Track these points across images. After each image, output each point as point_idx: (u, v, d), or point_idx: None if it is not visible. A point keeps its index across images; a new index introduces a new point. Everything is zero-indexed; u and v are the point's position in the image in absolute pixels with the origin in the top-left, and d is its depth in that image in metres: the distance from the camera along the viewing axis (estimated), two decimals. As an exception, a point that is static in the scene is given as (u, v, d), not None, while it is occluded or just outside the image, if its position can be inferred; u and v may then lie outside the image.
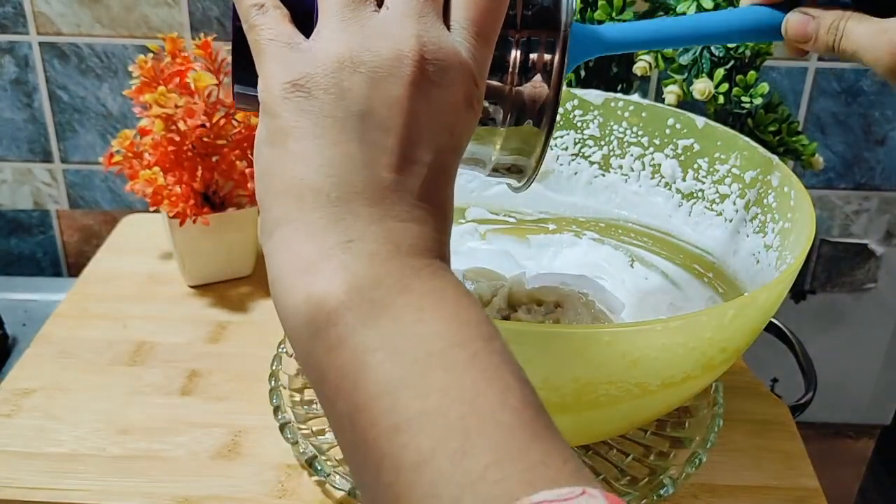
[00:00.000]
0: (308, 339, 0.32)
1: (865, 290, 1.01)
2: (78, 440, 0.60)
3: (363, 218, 0.32)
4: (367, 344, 0.30)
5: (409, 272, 0.32)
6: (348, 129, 0.33)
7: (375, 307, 0.30)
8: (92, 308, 0.75)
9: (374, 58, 0.33)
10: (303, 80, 0.33)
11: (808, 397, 0.66)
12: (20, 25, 0.87)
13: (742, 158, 0.63)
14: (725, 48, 0.70)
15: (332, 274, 0.31)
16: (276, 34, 0.35)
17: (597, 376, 0.46)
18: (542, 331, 0.47)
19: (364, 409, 0.29)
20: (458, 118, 0.34)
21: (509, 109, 0.40)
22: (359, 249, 0.31)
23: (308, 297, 0.31)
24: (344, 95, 0.33)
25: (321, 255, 0.32)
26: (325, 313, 0.31)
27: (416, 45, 0.33)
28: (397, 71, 0.33)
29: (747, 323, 0.49)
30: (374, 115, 0.33)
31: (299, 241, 0.32)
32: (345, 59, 0.33)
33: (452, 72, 0.34)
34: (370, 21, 0.34)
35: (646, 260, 0.70)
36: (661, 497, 0.54)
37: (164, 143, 0.71)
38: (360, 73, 0.33)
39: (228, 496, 0.56)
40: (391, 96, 0.33)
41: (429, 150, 0.33)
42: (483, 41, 0.35)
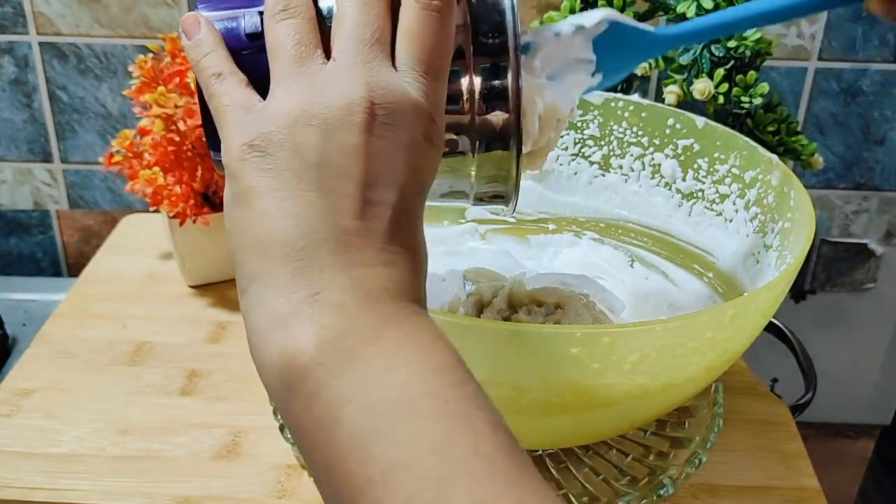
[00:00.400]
0: (284, 394, 0.32)
1: (865, 290, 1.01)
2: (78, 440, 0.60)
3: (329, 267, 0.32)
4: (338, 397, 0.30)
5: (379, 319, 0.32)
6: (306, 181, 0.33)
7: (345, 358, 0.31)
8: (92, 308, 0.75)
9: (325, 109, 0.33)
10: (258, 140, 0.34)
11: (808, 397, 0.66)
12: (20, 25, 0.87)
13: (742, 158, 0.63)
14: (725, 48, 0.70)
15: (302, 329, 0.31)
16: (233, 100, 0.35)
17: (597, 376, 0.46)
18: (542, 331, 0.47)
19: (339, 462, 0.29)
20: (419, 155, 0.34)
21: (476, 138, 0.40)
22: (326, 301, 0.32)
23: (281, 354, 0.32)
24: (299, 149, 0.33)
25: (290, 309, 0.32)
26: (297, 369, 0.31)
27: (365, 91, 0.33)
28: (349, 119, 0.33)
29: (747, 323, 0.49)
30: (331, 165, 0.33)
31: (270, 296, 0.33)
32: (297, 114, 0.34)
33: (404, 112, 0.34)
34: (318, 74, 0.34)
35: (646, 260, 0.70)
36: (661, 497, 0.54)
37: (163, 143, 0.71)
38: (313, 125, 0.33)
39: (228, 496, 0.56)
40: (346, 144, 0.33)
41: (391, 191, 0.34)
42: (433, 77, 0.35)
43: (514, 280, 0.62)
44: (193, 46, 0.37)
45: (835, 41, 0.88)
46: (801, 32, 0.87)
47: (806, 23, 0.87)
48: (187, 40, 0.38)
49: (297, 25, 0.35)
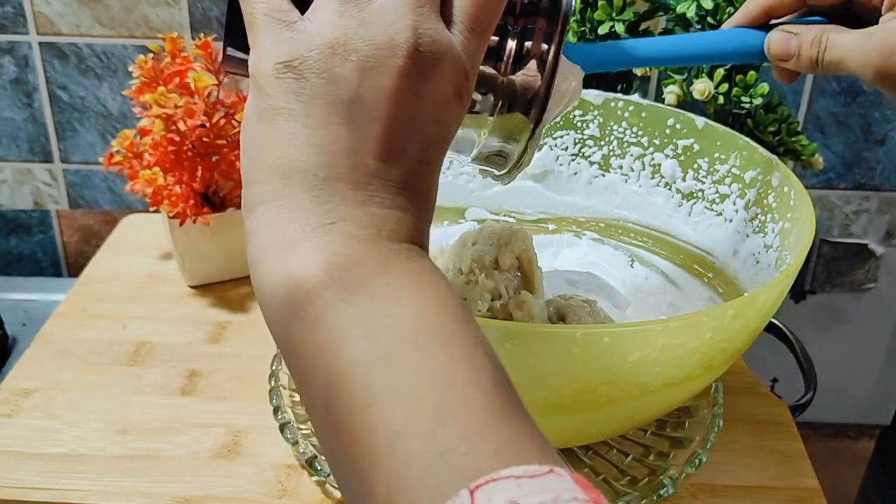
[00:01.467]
0: (286, 317, 0.32)
1: (865, 290, 1.01)
2: (78, 440, 0.60)
3: (347, 201, 0.32)
4: (344, 321, 0.30)
5: (388, 254, 0.32)
6: (337, 114, 0.33)
7: (354, 286, 0.31)
8: (92, 308, 0.75)
9: (368, 46, 0.33)
10: (295, 62, 0.33)
11: (808, 397, 0.66)
12: (20, 25, 0.87)
13: (742, 158, 0.63)
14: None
15: (313, 254, 0.31)
16: (271, 8, 0.34)
17: (597, 376, 0.46)
18: (542, 331, 0.47)
19: (339, 386, 0.29)
20: (447, 110, 0.34)
21: (499, 98, 0.40)
22: (340, 231, 0.32)
23: (287, 276, 0.31)
24: (335, 81, 0.33)
25: (303, 234, 0.32)
26: (304, 292, 0.31)
27: (411, 37, 0.33)
28: (390, 61, 0.33)
29: (747, 323, 0.49)
30: (364, 104, 0.33)
31: (282, 219, 0.32)
32: (338, 44, 0.33)
33: (444, 65, 0.33)
34: (367, 6, 0.33)
35: (646, 260, 0.70)
36: (661, 497, 0.54)
37: (164, 143, 0.71)
38: (352, 60, 0.33)
39: (228, 496, 0.56)
40: (381, 86, 0.33)
41: (415, 141, 0.34)
42: (478, 36, 0.35)
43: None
44: None
45: (835, 41, 0.87)
46: (802, 32, 0.87)
47: (806, 23, 0.86)
48: None
49: None
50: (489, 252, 0.58)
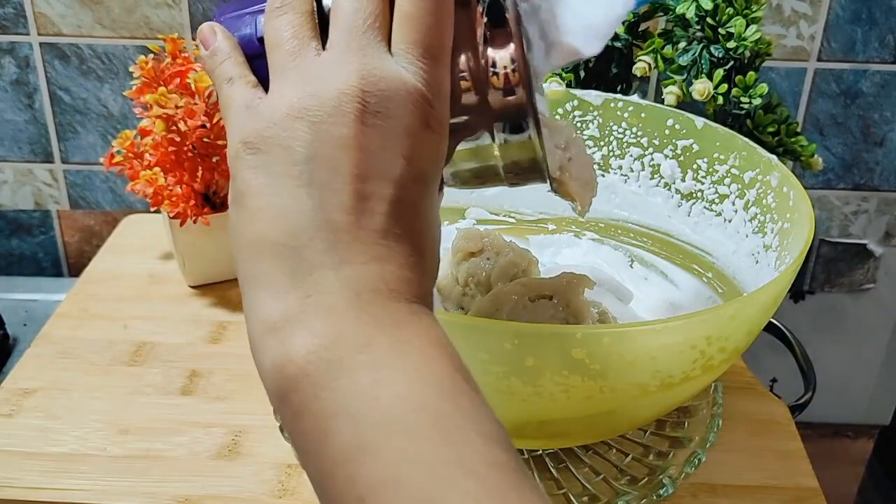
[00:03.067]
0: (277, 403, 0.32)
1: (864, 291, 1.01)
2: (78, 440, 0.60)
3: (320, 267, 0.31)
4: (327, 409, 0.29)
5: (369, 325, 0.31)
6: (296, 176, 0.32)
7: (333, 369, 0.30)
8: (92, 308, 0.75)
9: (316, 102, 0.33)
10: (252, 137, 0.33)
11: (807, 397, 0.66)
12: (21, 26, 0.87)
13: (741, 159, 0.63)
14: (725, 49, 0.70)
15: (292, 337, 0.31)
16: (236, 99, 0.35)
17: (596, 376, 0.46)
18: (542, 331, 0.47)
19: (329, 476, 0.29)
20: (415, 144, 0.33)
21: (491, 119, 0.38)
22: (317, 304, 0.31)
23: (273, 364, 0.31)
24: (289, 145, 0.32)
25: (282, 314, 0.31)
26: (286, 380, 0.31)
27: (357, 81, 0.33)
28: (339, 110, 0.32)
29: (747, 323, 0.49)
30: (321, 159, 0.32)
31: (263, 299, 0.32)
32: (291, 109, 0.33)
33: (398, 100, 0.33)
34: (312, 66, 0.34)
35: (646, 260, 0.70)
36: (661, 497, 0.54)
37: (164, 144, 0.72)
38: (303, 118, 0.32)
39: (228, 496, 0.56)
40: (336, 136, 0.32)
41: (385, 183, 0.33)
42: (431, 60, 0.34)
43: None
44: (210, 56, 0.37)
45: (834, 42, 0.88)
46: (801, 33, 0.87)
47: (805, 23, 0.87)
48: (204, 50, 0.37)
49: (291, 20, 0.35)
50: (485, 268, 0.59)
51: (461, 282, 0.60)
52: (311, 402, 0.30)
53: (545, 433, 0.54)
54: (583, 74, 0.77)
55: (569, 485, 0.55)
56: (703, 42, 0.71)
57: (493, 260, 0.61)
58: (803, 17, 0.87)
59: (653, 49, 0.73)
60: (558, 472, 0.56)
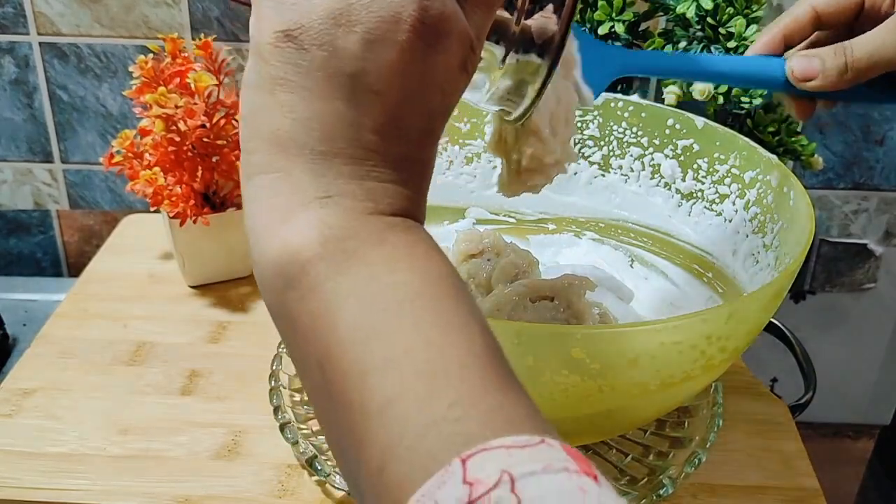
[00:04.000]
0: (281, 288, 0.32)
1: (865, 290, 1.01)
2: (78, 440, 0.60)
3: (344, 175, 0.32)
4: (339, 291, 0.30)
5: (383, 226, 0.32)
6: (337, 87, 0.32)
7: (349, 257, 0.31)
8: (92, 308, 0.75)
9: (372, 17, 0.32)
10: (296, 31, 0.32)
11: (807, 397, 0.66)
12: (20, 26, 0.87)
13: (741, 159, 0.63)
14: (725, 49, 0.70)
15: (308, 226, 0.31)
16: None
17: (596, 376, 0.46)
18: (542, 331, 0.47)
19: (334, 354, 0.30)
20: (451, 82, 0.34)
21: (514, 43, 0.39)
22: (336, 204, 0.32)
23: (283, 247, 0.31)
24: (337, 53, 0.32)
25: (299, 207, 0.32)
26: (299, 263, 0.31)
27: (417, 9, 0.32)
28: (393, 35, 0.32)
29: (747, 323, 0.49)
30: (366, 77, 0.32)
31: (278, 191, 0.32)
32: (342, 14, 0.32)
33: (450, 38, 0.33)
34: None
35: (646, 260, 0.70)
36: (661, 497, 0.54)
37: (164, 144, 0.71)
38: (356, 32, 0.32)
39: (228, 496, 0.56)
40: (385, 60, 0.32)
41: (418, 116, 0.33)
42: (485, 6, 0.35)
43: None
44: None
45: (834, 41, 0.88)
46: (801, 33, 0.87)
47: (806, 23, 0.87)
48: None
49: None
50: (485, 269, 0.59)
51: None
52: (324, 283, 0.30)
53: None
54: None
55: (569, 485, 0.55)
56: (704, 42, 0.71)
57: (493, 261, 0.61)
58: (803, 16, 0.86)
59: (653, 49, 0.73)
60: (558, 472, 0.56)
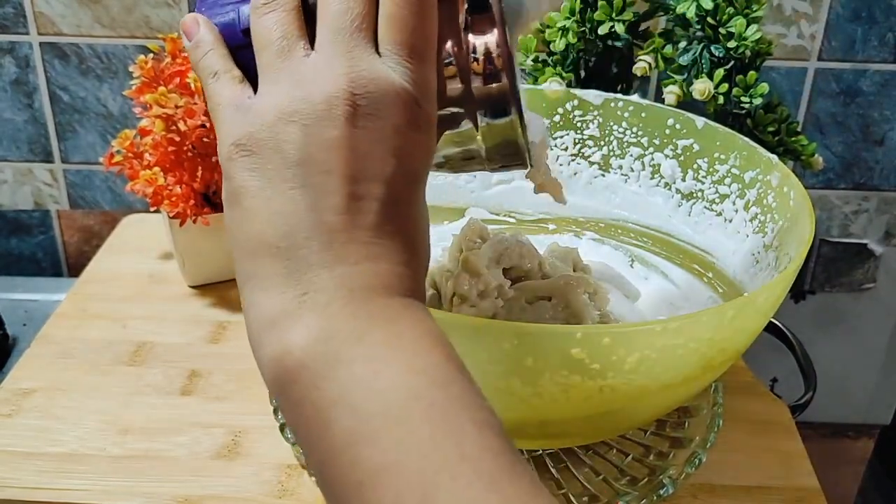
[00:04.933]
0: (278, 394, 0.32)
1: (865, 290, 1.01)
2: (78, 440, 0.60)
3: (315, 266, 0.32)
4: (325, 399, 0.30)
5: (363, 320, 0.32)
6: (290, 178, 0.33)
7: (331, 361, 0.31)
8: (92, 308, 0.75)
9: (306, 105, 0.33)
10: (244, 140, 0.34)
11: (807, 397, 0.66)
12: (21, 26, 0.87)
13: (741, 159, 0.63)
14: (725, 48, 0.70)
15: (290, 331, 0.32)
16: (224, 98, 0.35)
17: (596, 377, 0.46)
18: (542, 331, 0.47)
19: (330, 463, 0.30)
20: (405, 144, 0.34)
21: (475, 109, 0.39)
22: (313, 302, 0.32)
23: (271, 356, 0.32)
24: (281, 147, 0.33)
25: (279, 311, 0.32)
26: (286, 372, 0.31)
27: (346, 84, 0.33)
28: (329, 113, 0.33)
29: (747, 323, 0.49)
30: (314, 161, 0.33)
31: (261, 297, 0.33)
32: (280, 111, 0.33)
33: (387, 101, 0.33)
34: (300, 68, 0.34)
35: (646, 260, 0.70)
36: (661, 497, 0.54)
37: (164, 144, 0.71)
38: (295, 122, 0.33)
39: (228, 496, 0.56)
40: (327, 138, 0.33)
41: (376, 184, 0.33)
42: (418, 59, 0.35)
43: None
44: (193, 47, 0.38)
45: (834, 41, 0.88)
46: (801, 33, 0.87)
47: (806, 23, 0.87)
48: (188, 41, 0.38)
49: (279, 18, 0.35)
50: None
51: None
52: (311, 392, 0.31)
53: (545, 433, 0.54)
54: (583, 74, 0.77)
55: (569, 485, 0.55)
56: (704, 42, 0.71)
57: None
58: (804, 16, 0.86)
59: (653, 49, 0.73)
60: (558, 472, 0.56)
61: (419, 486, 0.28)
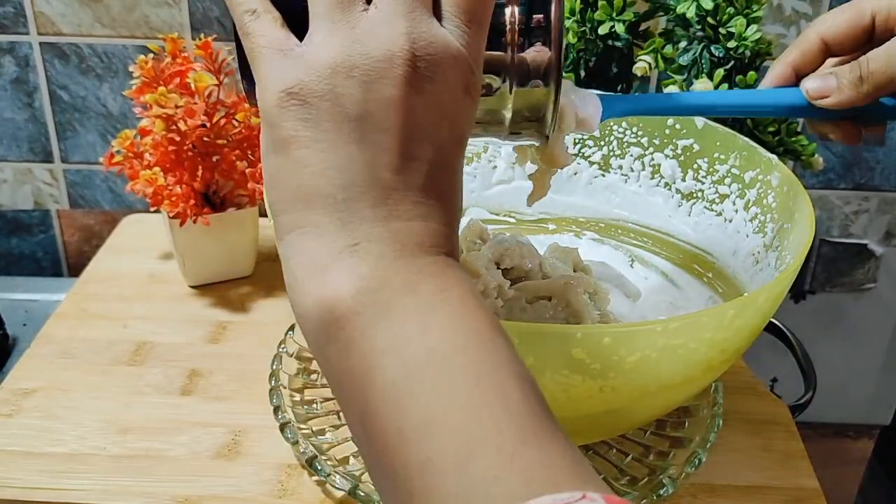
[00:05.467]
0: (322, 341, 0.32)
1: (865, 291, 1.01)
2: (78, 440, 0.60)
3: (368, 220, 0.33)
4: (374, 347, 0.31)
5: (414, 272, 0.32)
6: (346, 133, 0.33)
7: (382, 310, 0.31)
8: (92, 308, 0.75)
9: (366, 60, 0.33)
10: (297, 88, 0.33)
11: (807, 397, 0.66)
12: (21, 25, 0.87)
13: (741, 159, 0.63)
14: (725, 49, 0.70)
15: (341, 278, 0.32)
16: (269, 40, 0.35)
17: (597, 377, 0.46)
18: (542, 331, 0.47)
19: (372, 412, 0.30)
20: (457, 109, 0.34)
21: (515, 76, 0.40)
22: (365, 251, 0.32)
23: (319, 302, 0.32)
24: (339, 101, 0.33)
25: (330, 258, 0.32)
26: (335, 317, 0.32)
27: (407, 44, 0.33)
28: (390, 72, 0.33)
29: (747, 323, 0.49)
30: (371, 118, 0.33)
31: (309, 245, 0.33)
32: (337, 63, 0.33)
33: (445, 65, 0.34)
34: (360, 22, 0.34)
35: (646, 260, 0.70)
36: (661, 497, 0.54)
37: (164, 144, 0.71)
38: (354, 77, 0.33)
39: (228, 496, 0.56)
40: (386, 97, 0.33)
41: (429, 146, 0.34)
42: (476, 27, 0.35)
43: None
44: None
45: (835, 41, 0.88)
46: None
47: (806, 23, 0.87)
48: None
49: None
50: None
51: None
52: (360, 339, 0.31)
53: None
54: (583, 74, 0.77)
55: (569, 485, 0.55)
56: (704, 42, 0.71)
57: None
58: (804, 16, 0.86)
59: (653, 49, 0.73)
60: (558, 472, 0.56)
61: (462, 436, 0.28)
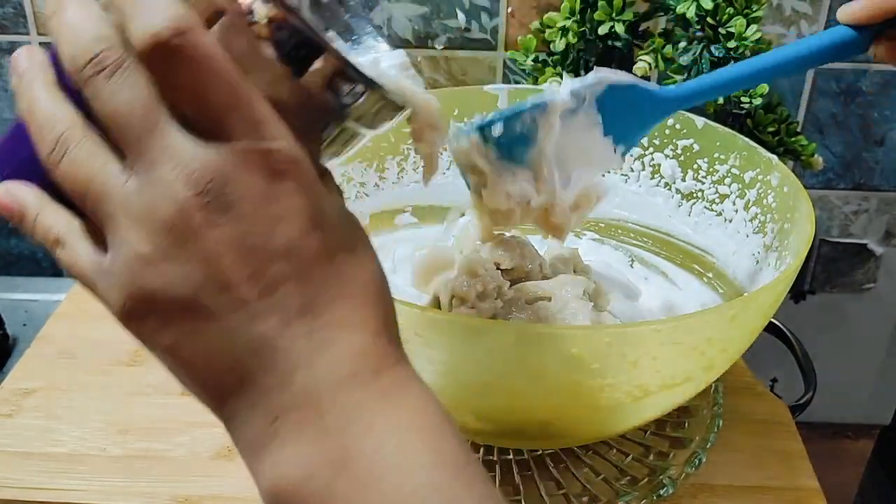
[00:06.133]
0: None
1: (865, 291, 1.01)
2: (78, 440, 0.60)
3: (272, 388, 0.30)
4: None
5: (337, 440, 0.29)
6: (197, 317, 0.30)
7: (323, 497, 0.29)
8: (92, 308, 0.74)
9: (164, 238, 0.29)
10: (128, 305, 0.32)
11: (807, 397, 0.66)
12: (20, 26, 0.87)
13: (741, 159, 0.63)
14: (725, 49, 0.70)
15: (276, 466, 0.30)
16: (83, 267, 0.34)
17: (597, 377, 0.46)
18: (542, 331, 0.47)
19: None
20: (278, 201, 0.29)
21: (337, 104, 0.33)
22: (284, 428, 0.29)
23: (269, 490, 0.30)
24: (170, 291, 0.30)
25: (259, 445, 0.30)
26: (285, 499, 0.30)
27: (186, 191, 0.28)
28: (191, 231, 0.29)
29: (747, 323, 0.49)
30: (208, 287, 0.29)
31: (237, 434, 0.32)
32: (147, 257, 0.30)
33: (230, 178, 0.29)
34: (131, 200, 0.29)
35: (646, 260, 0.70)
36: (661, 497, 0.54)
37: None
38: (166, 260, 0.29)
39: (228, 496, 0.56)
40: (205, 255, 0.29)
41: (280, 263, 0.29)
42: (229, 113, 0.28)
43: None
44: (26, 223, 0.35)
45: (834, 41, 0.88)
46: (801, 33, 0.87)
47: (805, 23, 0.87)
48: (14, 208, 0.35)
49: (82, 157, 0.30)
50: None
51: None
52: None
53: (545, 433, 0.54)
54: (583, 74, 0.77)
55: (569, 485, 0.55)
56: (704, 42, 0.71)
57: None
58: (804, 16, 0.87)
59: (653, 49, 0.73)
60: (558, 472, 0.56)
61: None
